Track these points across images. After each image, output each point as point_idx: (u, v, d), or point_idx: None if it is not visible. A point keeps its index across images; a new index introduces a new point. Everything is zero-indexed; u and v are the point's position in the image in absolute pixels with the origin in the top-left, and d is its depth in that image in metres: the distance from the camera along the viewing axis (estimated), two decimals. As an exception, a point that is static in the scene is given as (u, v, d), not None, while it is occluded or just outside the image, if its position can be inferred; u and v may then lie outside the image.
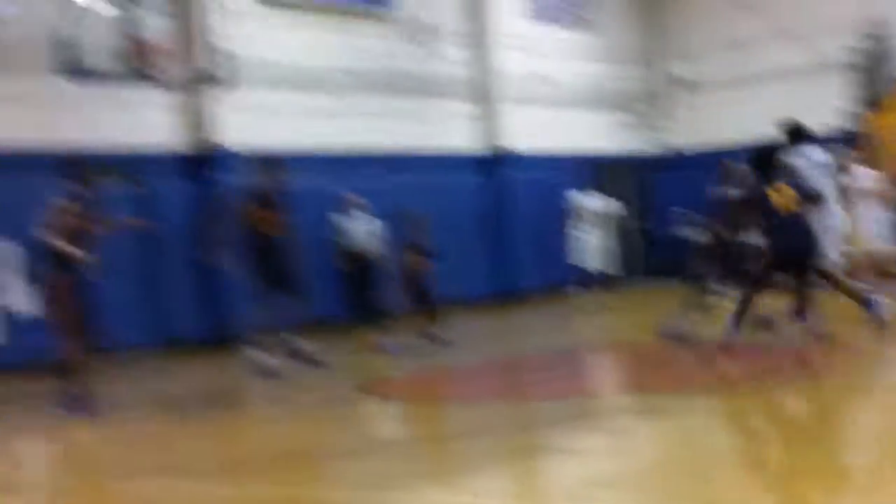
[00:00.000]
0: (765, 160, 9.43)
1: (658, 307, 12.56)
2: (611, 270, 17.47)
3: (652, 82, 22.07)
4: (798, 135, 11.02)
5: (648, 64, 22.01)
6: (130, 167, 13.47)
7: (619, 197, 19.78)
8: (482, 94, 18.52)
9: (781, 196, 9.24)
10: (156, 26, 12.67)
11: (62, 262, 8.19)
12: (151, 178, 13.65)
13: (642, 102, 21.83)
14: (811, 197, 9.46)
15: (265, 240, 10.53)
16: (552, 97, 19.67)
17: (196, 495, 6.10)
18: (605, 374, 10.38)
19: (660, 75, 22.12)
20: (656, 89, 22.10)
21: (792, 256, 9.22)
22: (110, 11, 12.16)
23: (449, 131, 17.95)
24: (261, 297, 10.51)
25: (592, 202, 17.01)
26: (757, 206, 9.34)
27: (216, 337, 13.69)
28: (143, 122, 13.87)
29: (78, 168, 8.58)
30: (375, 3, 16.82)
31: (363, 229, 14.53)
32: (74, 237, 8.09)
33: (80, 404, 8.59)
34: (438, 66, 17.77)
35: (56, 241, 7.93)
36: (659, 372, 9.21)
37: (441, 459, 6.68)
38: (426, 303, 12.43)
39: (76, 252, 6.71)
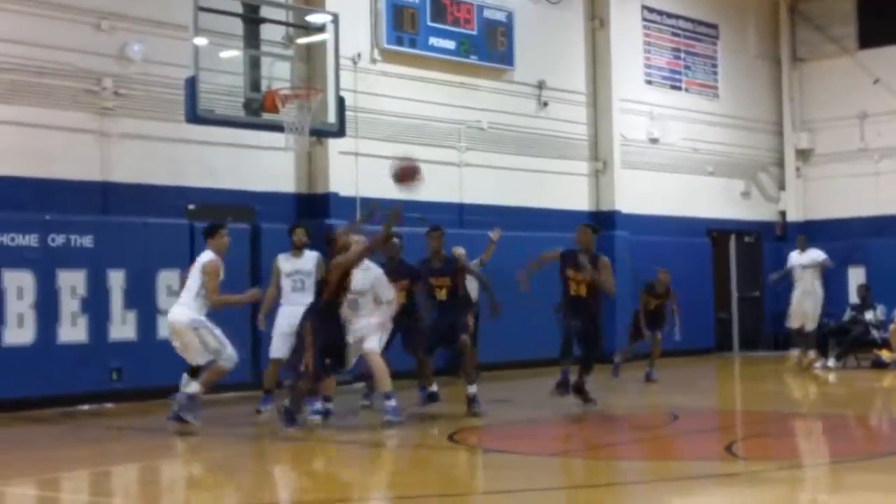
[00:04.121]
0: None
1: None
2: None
3: (772, 152, 21.87)
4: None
5: (769, 133, 21.83)
6: (247, 208, 14.01)
7: (728, 265, 19.67)
8: (597, 155, 18.63)
9: None
10: (280, 74, 13.12)
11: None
12: (266, 219, 14.09)
13: (761, 171, 21.64)
14: None
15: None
16: (668, 162, 19.68)
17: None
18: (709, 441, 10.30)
19: (780, 145, 21.91)
20: (776, 159, 21.89)
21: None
22: (237, 57, 12.67)
23: (563, 189, 18.09)
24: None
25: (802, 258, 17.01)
26: None
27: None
28: (262, 166, 14.39)
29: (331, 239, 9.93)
30: (496, 60, 17.11)
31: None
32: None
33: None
34: (556, 126, 17.96)
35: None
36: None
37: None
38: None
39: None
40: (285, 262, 11.40)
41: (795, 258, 16.89)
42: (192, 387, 9.98)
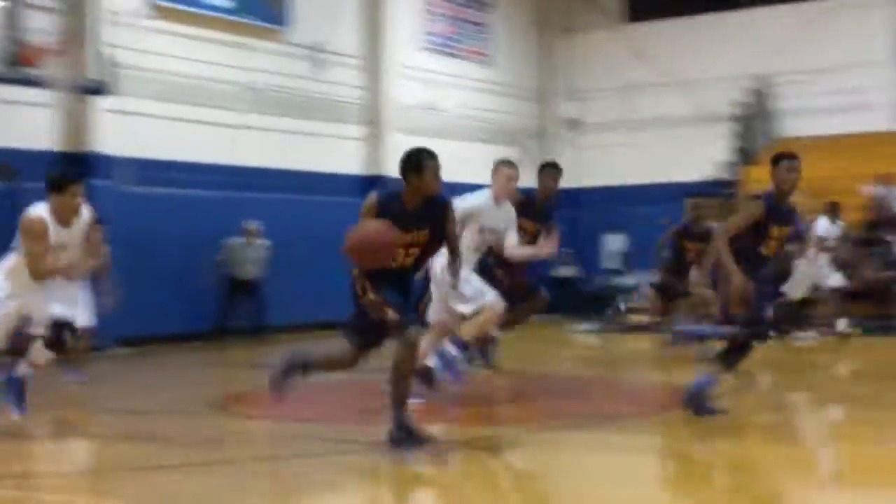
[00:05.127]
0: None
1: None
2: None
3: (542, 120, 22.54)
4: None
5: (539, 101, 22.49)
6: (6, 166, 13.46)
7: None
8: (372, 119, 18.75)
9: None
10: (42, 28, 12.65)
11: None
12: (26, 178, 13.57)
13: (531, 139, 22.27)
14: None
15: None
16: (442, 128, 19.98)
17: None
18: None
19: (550, 113, 22.62)
20: (545, 127, 22.58)
21: None
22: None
23: (336, 153, 18.14)
24: None
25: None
26: None
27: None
28: (22, 123, 13.82)
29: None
30: (271, 20, 16.95)
31: (253, 257, 14.98)
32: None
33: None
34: (331, 89, 17.96)
35: None
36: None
37: (271, 480, 6.85)
38: None
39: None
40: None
41: (826, 227, 14.78)
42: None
